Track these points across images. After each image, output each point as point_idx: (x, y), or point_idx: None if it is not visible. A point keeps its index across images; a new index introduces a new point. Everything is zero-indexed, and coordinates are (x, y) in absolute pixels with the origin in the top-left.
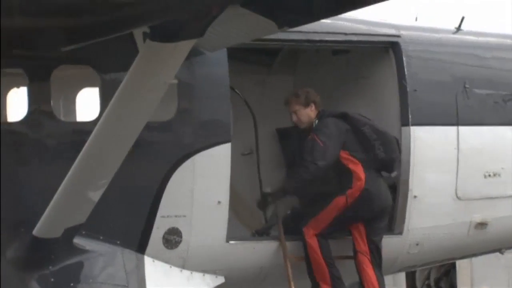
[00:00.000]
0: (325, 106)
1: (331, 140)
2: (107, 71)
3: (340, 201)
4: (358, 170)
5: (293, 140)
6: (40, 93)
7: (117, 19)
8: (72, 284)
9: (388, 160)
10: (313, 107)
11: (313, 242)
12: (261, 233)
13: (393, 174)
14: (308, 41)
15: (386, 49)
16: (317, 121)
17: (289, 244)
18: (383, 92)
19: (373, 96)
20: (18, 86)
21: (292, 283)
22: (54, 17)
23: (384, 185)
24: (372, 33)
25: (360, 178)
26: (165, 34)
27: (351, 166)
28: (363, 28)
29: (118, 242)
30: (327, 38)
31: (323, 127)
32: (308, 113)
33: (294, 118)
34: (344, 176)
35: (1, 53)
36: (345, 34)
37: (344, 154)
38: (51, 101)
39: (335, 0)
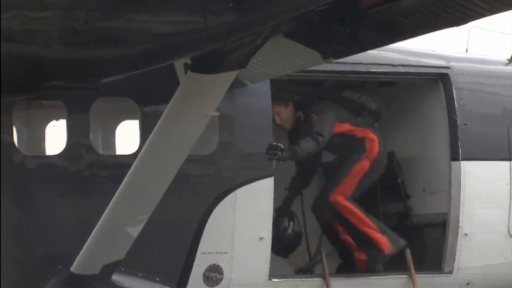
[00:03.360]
0: None
1: (325, 113)
2: (147, 103)
3: (363, 164)
4: (368, 134)
5: None
6: (79, 126)
7: (158, 50)
8: None
9: (381, 108)
10: (291, 106)
11: (347, 204)
12: (305, 271)
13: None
14: (354, 72)
15: (435, 81)
16: (301, 113)
17: (333, 281)
18: (432, 126)
19: (421, 129)
20: (57, 119)
21: None
22: (93, 48)
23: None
24: (420, 64)
25: (373, 139)
26: (206, 65)
27: (359, 134)
28: (411, 59)
29: (158, 279)
30: (373, 70)
31: (312, 106)
32: (289, 113)
33: (278, 120)
34: (355, 144)
35: (40, 85)
36: (392, 65)
37: (347, 127)
38: (90, 134)
39: (382, 31)
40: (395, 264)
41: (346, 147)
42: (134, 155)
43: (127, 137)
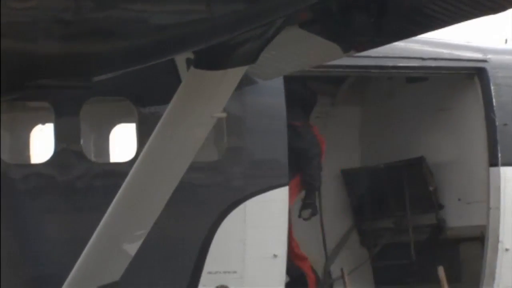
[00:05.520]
0: (399, 141)
1: (305, 119)
2: (145, 103)
3: None
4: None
5: (361, 183)
6: (68, 130)
7: (156, 43)
8: None
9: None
10: None
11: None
12: None
13: None
14: (379, 67)
15: (470, 76)
16: None
17: None
18: (467, 127)
19: (455, 131)
20: (43, 123)
21: None
22: (84, 41)
23: None
24: (454, 57)
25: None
26: (211, 60)
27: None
28: (444, 52)
29: None
30: (401, 64)
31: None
32: None
33: None
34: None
35: (24, 84)
36: (422, 59)
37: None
38: (81, 139)
39: (410, 20)
40: (427, 284)
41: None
42: (130, 163)
43: (122, 142)
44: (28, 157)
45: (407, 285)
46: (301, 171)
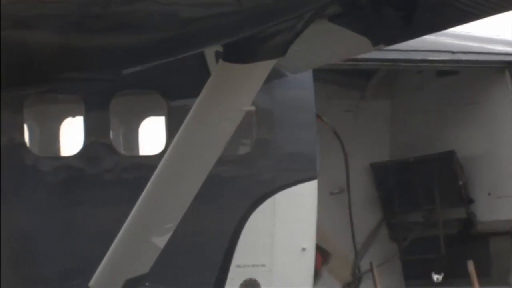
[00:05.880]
0: (428, 135)
1: None
2: (175, 97)
3: None
4: None
5: (390, 177)
6: (98, 123)
7: (185, 36)
8: None
9: None
10: None
11: None
12: (353, 285)
13: None
14: (409, 60)
15: (501, 70)
16: None
17: None
18: (497, 120)
19: (486, 125)
20: (73, 116)
21: None
22: (114, 34)
23: None
24: (484, 51)
25: None
26: (240, 53)
27: None
28: (474, 46)
29: None
30: (430, 57)
31: None
32: None
33: None
34: None
35: (55, 77)
36: (452, 52)
37: None
38: (111, 132)
39: (440, 13)
40: (456, 278)
41: None
42: (159, 156)
43: (152, 135)
44: (58, 149)
45: (436, 280)
46: None
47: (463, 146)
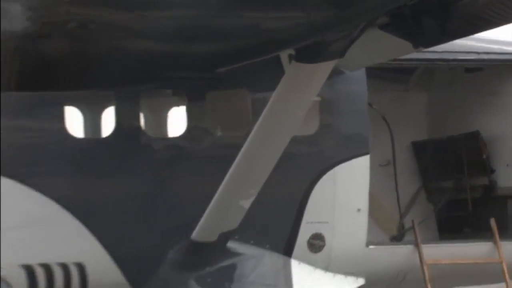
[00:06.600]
0: (458, 119)
1: None
2: (257, 91)
3: None
4: None
5: (428, 153)
6: (197, 112)
7: (266, 42)
8: (226, 284)
9: None
10: None
11: None
12: (398, 239)
13: None
14: (442, 60)
15: None
16: None
17: (425, 248)
18: None
19: (503, 110)
20: (178, 105)
21: (429, 285)
22: (209, 42)
23: None
24: (503, 52)
25: None
26: (309, 55)
27: None
28: (494, 48)
29: (267, 246)
30: (460, 57)
31: None
32: None
33: None
34: None
35: (163, 76)
36: (477, 53)
37: None
38: (207, 119)
39: (469, 22)
40: (481, 233)
41: None
42: (245, 137)
43: (238, 121)
44: (166, 132)
45: (465, 234)
46: None
47: (486, 127)
